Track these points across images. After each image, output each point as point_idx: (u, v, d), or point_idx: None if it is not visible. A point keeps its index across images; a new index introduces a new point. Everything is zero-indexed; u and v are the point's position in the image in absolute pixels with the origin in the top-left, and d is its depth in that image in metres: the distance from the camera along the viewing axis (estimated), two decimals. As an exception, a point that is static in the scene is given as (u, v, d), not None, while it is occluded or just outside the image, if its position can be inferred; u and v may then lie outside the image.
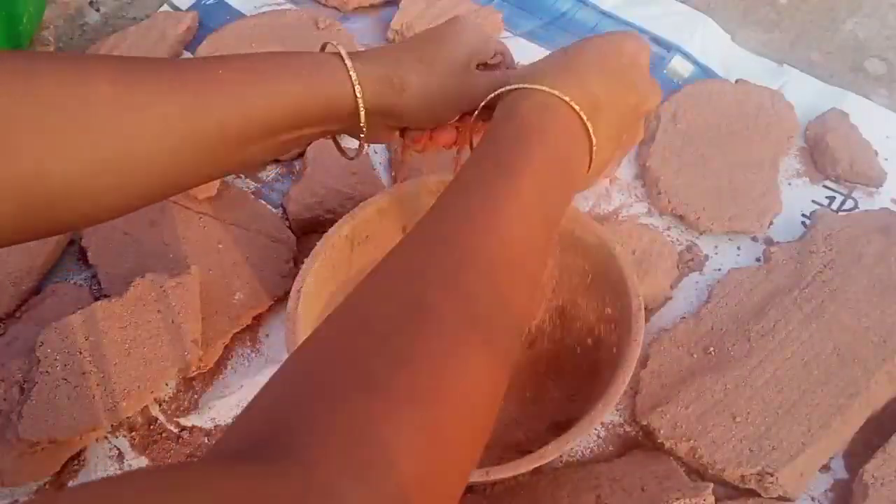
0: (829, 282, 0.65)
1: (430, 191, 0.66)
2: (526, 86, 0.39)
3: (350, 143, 0.49)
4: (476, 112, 0.43)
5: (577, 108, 0.37)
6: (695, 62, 0.86)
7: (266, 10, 0.90)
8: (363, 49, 0.44)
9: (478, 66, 0.46)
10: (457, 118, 0.47)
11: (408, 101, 0.43)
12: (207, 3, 0.93)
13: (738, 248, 0.72)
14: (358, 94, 0.41)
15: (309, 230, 0.74)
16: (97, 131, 0.33)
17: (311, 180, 0.75)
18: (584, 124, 0.38)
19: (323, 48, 0.44)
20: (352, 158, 0.46)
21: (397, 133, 0.48)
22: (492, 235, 0.31)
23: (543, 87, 0.38)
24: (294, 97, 0.39)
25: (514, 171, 0.34)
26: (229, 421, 0.63)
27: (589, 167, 0.39)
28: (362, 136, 0.43)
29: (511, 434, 0.60)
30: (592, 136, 0.38)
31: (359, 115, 0.42)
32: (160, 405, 0.64)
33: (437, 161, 0.76)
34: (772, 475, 0.57)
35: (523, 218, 0.32)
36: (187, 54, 0.88)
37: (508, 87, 0.40)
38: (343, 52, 0.42)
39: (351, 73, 0.41)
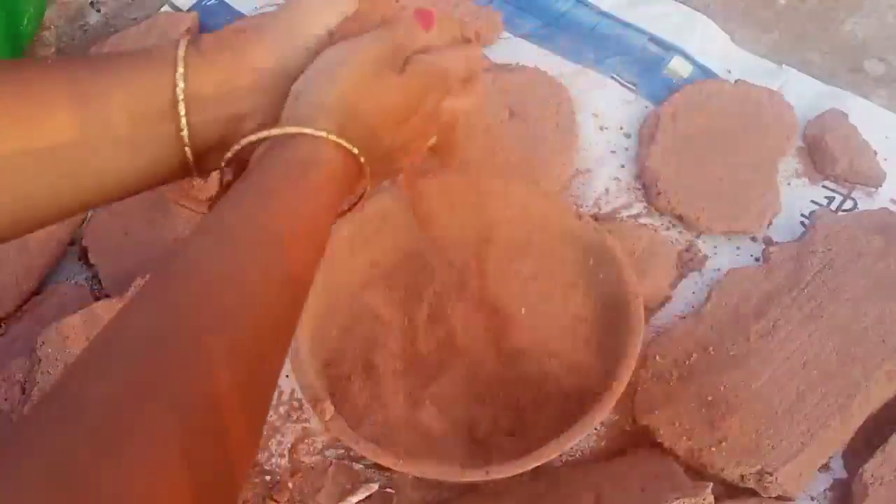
0: (829, 282, 0.65)
1: (429, 192, 0.66)
2: (283, 130, 0.34)
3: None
4: (227, 158, 0.36)
5: (355, 150, 0.35)
6: (694, 62, 0.86)
7: (266, 11, 0.90)
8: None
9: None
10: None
11: (233, 63, 0.36)
12: (208, 3, 0.93)
13: (738, 248, 0.73)
14: (179, 51, 0.35)
15: (309, 230, 0.74)
16: None
17: (312, 180, 0.75)
18: (356, 158, 0.35)
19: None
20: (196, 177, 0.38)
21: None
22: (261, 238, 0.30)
23: (318, 135, 0.34)
24: (128, 78, 0.34)
25: (280, 191, 0.32)
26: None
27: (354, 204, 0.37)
28: (183, 119, 0.35)
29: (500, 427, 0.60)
30: (363, 166, 0.36)
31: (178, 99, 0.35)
32: (161, 405, 0.64)
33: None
34: (771, 475, 0.57)
35: (288, 227, 0.31)
36: (187, 55, 0.88)
37: (277, 131, 0.34)
38: (183, 38, 0.36)
39: (179, 47, 0.35)
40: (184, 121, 0.34)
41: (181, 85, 0.34)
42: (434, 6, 0.40)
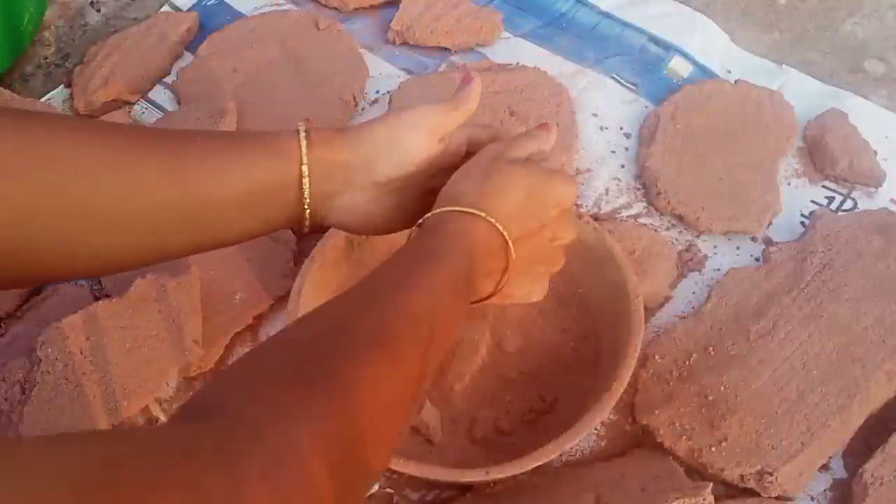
0: (829, 282, 0.65)
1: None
2: (454, 209, 0.42)
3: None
4: (421, 221, 0.44)
5: (499, 227, 0.41)
6: (694, 62, 0.86)
7: (266, 11, 0.90)
8: (326, 129, 0.45)
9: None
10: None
11: (349, 149, 0.44)
12: (208, 3, 0.93)
13: (738, 248, 0.73)
14: (301, 139, 0.43)
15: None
16: (81, 187, 0.36)
17: (312, 180, 0.75)
18: (505, 242, 0.41)
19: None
20: (301, 235, 0.49)
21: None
22: (408, 300, 0.36)
23: (470, 210, 0.41)
24: (255, 165, 0.42)
25: (430, 265, 0.39)
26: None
27: (500, 284, 0.43)
28: (306, 222, 0.44)
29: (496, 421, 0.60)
30: (512, 252, 0.41)
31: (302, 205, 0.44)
32: (161, 405, 0.64)
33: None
34: (771, 475, 0.57)
35: (432, 298, 0.37)
36: (188, 55, 0.88)
37: (447, 209, 0.42)
38: (301, 126, 0.44)
39: (304, 165, 0.43)
40: (307, 193, 0.43)
41: (306, 173, 0.42)
42: (433, 6, 0.41)
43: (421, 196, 0.47)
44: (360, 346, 0.32)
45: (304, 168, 0.42)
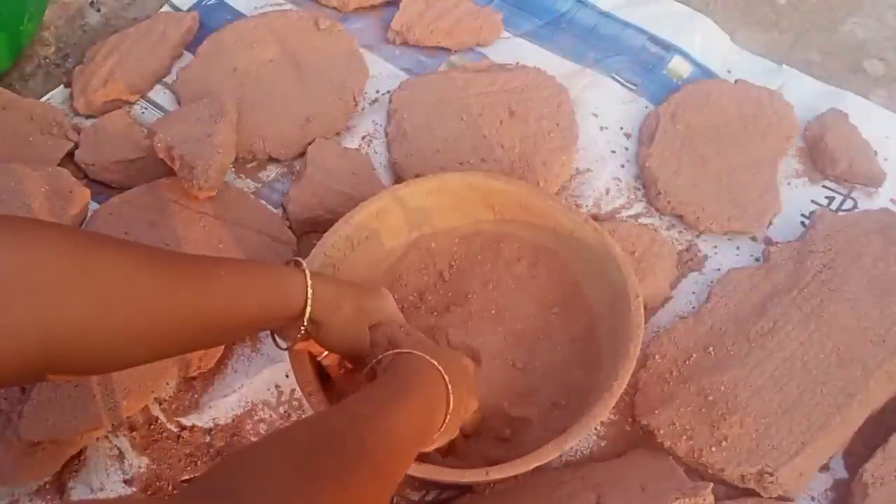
0: (829, 282, 0.65)
1: (429, 191, 0.67)
2: (415, 351, 0.51)
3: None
4: (375, 360, 0.53)
5: (445, 376, 0.50)
6: (694, 62, 0.86)
7: (266, 11, 0.90)
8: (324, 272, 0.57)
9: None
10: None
11: (327, 332, 0.54)
12: (208, 3, 0.93)
13: (738, 248, 0.73)
14: (308, 310, 0.51)
15: (309, 230, 0.74)
16: (131, 307, 0.41)
17: (311, 180, 0.75)
18: (447, 386, 0.50)
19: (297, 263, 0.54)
20: (284, 349, 0.56)
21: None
22: (386, 420, 0.44)
23: (425, 356, 0.51)
24: (266, 301, 0.50)
25: (406, 395, 0.47)
26: (229, 421, 0.63)
27: (445, 419, 0.51)
28: (300, 335, 0.52)
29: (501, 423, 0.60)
30: (451, 395, 0.50)
31: (300, 320, 0.52)
32: (161, 404, 0.64)
33: (433, 165, 0.76)
34: (771, 474, 0.57)
35: (409, 423, 0.46)
36: (188, 55, 0.88)
37: (402, 351, 0.52)
38: (308, 274, 0.52)
39: (309, 290, 0.51)
40: (307, 318, 0.52)
41: (309, 307, 0.51)
42: (433, 6, 0.42)
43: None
44: (347, 457, 0.39)
45: (309, 299, 0.51)
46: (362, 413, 0.44)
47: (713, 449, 0.58)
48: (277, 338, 0.55)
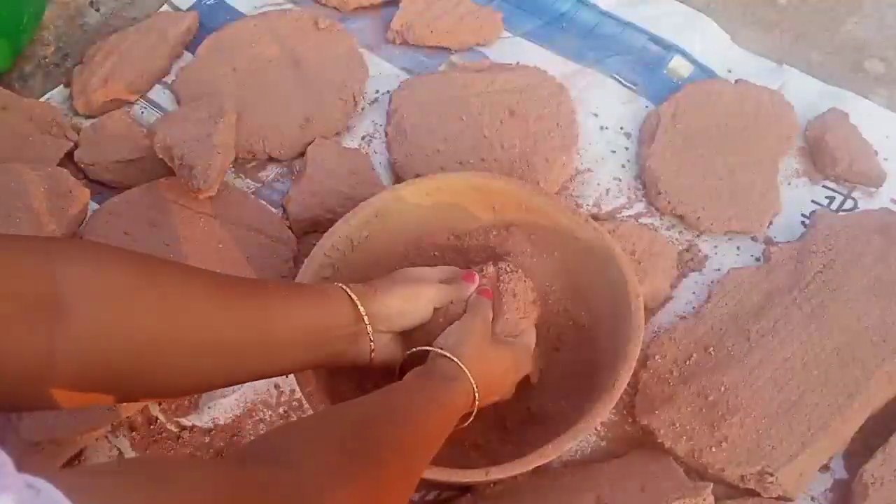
0: (829, 282, 0.65)
1: (429, 191, 0.66)
2: (446, 354, 0.52)
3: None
4: (403, 361, 0.55)
5: (476, 392, 0.52)
6: (695, 62, 0.86)
7: (266, 10, 0.90)
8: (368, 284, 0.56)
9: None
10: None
11: (382, 302, 0.54)
12: (208, 3, 0.93)
13: (738, 248, 0.73)
14: (355, 299, 0.53)
15: (309, 230, 0.74)
16: (189, 322, 0.43)
17: (311, 180, 0.75)
18: (475, 395, 0.52)
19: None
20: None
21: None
22: (418, 421, 0.46)
23: (455, 359, 0.52)
24: (315, 314, 0.51)
25: (439, 404, 0.49)
26: (229, 421, 0.63)
27: (473, 408, 0.53)
28: (370, 338, 0.53)
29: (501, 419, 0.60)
30: (477, 400, 0.52)
31: (361, 322, 0.53)
32: (160, 405, 0.64)
33: (434, 165, 0.76)
34: (771, 475, 0.57)
35: (439, 428, 0.48)
36: (187, 54, 0.88)
37: (438, 351, 0.53)
38: (353, 295, 0.53)
39: (347, 289, 0.53)
40: (370, 333, 0.53)
41: (366, 318, 0.53)
42: (433, 6, 0.42)
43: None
44: (381, 450, 0.41)
45: (363, 313, 0.53)
46: (401, 413, 0.46)
47: (713, 449, 0.58)
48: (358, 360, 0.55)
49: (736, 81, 0.82)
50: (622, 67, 0.85)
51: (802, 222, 0.74)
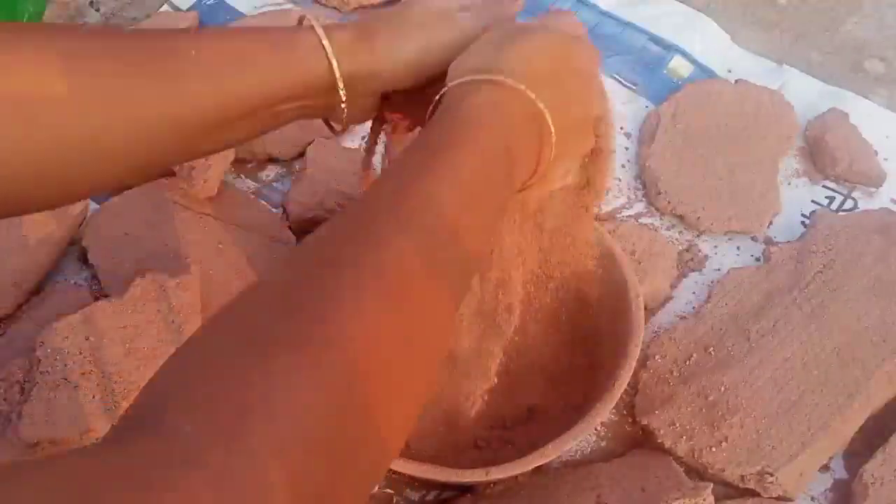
0: (829, 282, 0.65)
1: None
2: (485, 77, 0.36)
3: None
4: (437, 98, 0.38)
5: (532, 95, 0.35)
6: (695, 62, 0.86)
7: (266, 10, 0.90)
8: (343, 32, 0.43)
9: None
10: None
11: (382, 56, 0.41)
12: (208, 3, 0.93)
13: (738, 248, 0.73)
14: (330, 56, 0.40)
15: (309, 230, 0.74)
16: (71, 115, 0.33)
17: (312, 180, 0.75)
18: (541, 115, 0.36)
19: (300, 22, 0.43)
20: (337, 133, 0.46)
21: (380, 108, 0.46)
22: (426, 204, 0.29)
23: (496, 78, 0.35)
24: (270, 75, 0.39)
25: (453, 147, 0.32)
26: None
27: (540, 163, 0.37)
28: (343, 106, 0.40)
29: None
30: (550, 123, 0.36)
31: (336, 88, 0.40)
32: (160, 405, 0.64)
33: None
34: (771, 475, 0.57)
35: (459, 191, 0.30)
36: (187, 54, 0.88)
37: (467, 79, 0.36)
38: (315, 23, 0.41)
39: (323, 40, 0.40)
40: (342, 95, 0.39)
41: (338, 73, 0.39)
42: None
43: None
44: (358, 279, 0.25)
45: (338, 76, 0.39)
46: (380, 199, 0.30)
47: (713, 449, 0.58)
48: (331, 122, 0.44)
49: (736, 81, 0.82)
50: (622, 67, 0.85)
51: (802, 222, 0.74)
